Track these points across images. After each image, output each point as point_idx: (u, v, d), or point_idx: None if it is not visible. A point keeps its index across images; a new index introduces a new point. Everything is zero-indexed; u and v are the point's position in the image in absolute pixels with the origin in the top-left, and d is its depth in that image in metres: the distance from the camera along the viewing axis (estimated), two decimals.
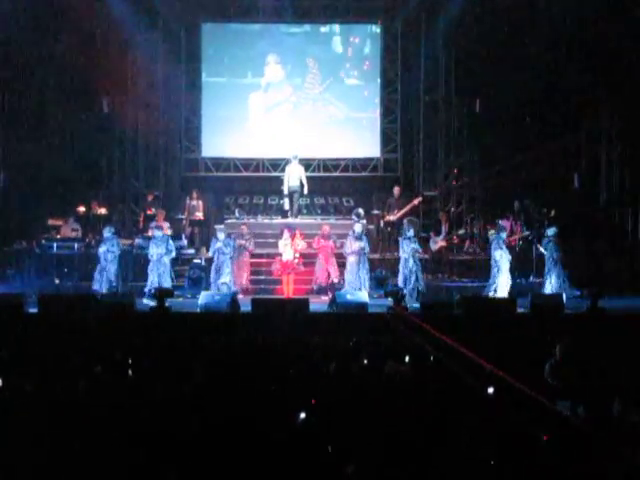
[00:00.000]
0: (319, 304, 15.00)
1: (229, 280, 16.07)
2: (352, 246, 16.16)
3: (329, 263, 16.54)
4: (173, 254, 16.00)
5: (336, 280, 16.39)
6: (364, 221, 18.87)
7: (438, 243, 17.50)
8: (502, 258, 15.68)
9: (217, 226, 18.45)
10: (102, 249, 15.74)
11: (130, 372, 8.79)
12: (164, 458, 5.92)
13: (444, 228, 18.22)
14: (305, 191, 19.41)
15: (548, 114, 19.06)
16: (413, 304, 14.94)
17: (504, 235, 16.22)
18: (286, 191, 19.31)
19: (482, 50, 19.86)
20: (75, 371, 8.40)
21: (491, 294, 15.59)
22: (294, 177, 19.22)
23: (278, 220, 19.04)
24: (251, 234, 17.06)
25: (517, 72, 19.12)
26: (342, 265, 16.56)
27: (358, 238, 16.24)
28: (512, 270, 16.03)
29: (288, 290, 16.33)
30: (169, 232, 17.88)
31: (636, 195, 18.41)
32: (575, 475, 5.72)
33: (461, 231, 17.70)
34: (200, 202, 19.37)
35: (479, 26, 19.74)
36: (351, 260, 16.19)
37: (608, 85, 18.19)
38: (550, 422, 7.13)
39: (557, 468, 5.77)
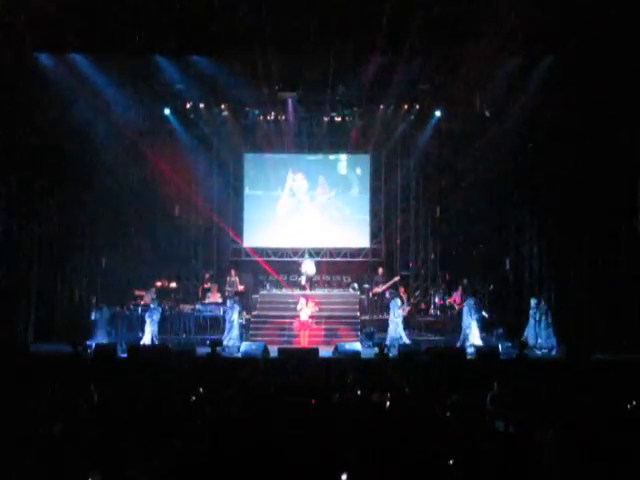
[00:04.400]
0: (326, 351, 15.04)
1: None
2: None
3: None
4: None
5: None
6: (358, 292, 19.00)
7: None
8: (396, 317, 16.32)
9: (254, 295, 18.52)
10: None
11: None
12: None
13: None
14: (315, 278, 19.87)
15: (489, 220, 19.36)
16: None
17: (398, 302, 16.60)
18: (303, 276, 19.66)
19: (440, 172, 20.45)
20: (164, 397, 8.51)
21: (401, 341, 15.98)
22: (310, 270, 19.68)
23: (297, 292, 19.17)
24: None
25: (465, 189, 19.53)
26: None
27: None
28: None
29: (304, 341, 16.42)
30: (220, 300, 18.13)
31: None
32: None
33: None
34: (237, 278, 19.56)
35: (439, 155, 20.31)
36: None
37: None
38: (490, 435, 7.22)
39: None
